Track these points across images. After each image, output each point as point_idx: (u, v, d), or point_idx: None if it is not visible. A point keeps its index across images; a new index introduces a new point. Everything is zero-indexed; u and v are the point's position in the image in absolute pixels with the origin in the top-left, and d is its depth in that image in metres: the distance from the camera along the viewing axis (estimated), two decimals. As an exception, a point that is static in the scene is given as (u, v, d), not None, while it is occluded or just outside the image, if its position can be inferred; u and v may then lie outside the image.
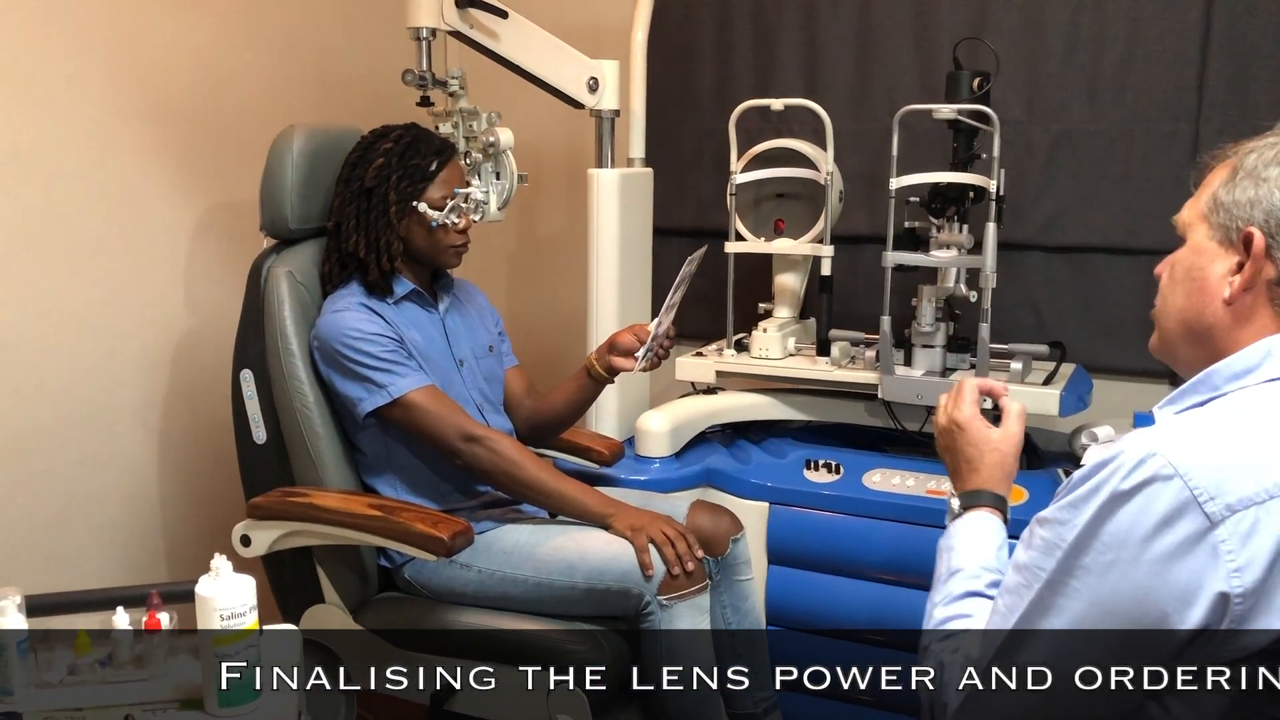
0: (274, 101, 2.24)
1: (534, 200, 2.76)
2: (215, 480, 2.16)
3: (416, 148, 1.66)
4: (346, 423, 1.68)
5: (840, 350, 2.14)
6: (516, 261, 2.90)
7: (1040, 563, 0.92)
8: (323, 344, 1.62)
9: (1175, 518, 0.86)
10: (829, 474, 2.00)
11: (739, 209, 2.21)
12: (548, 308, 2.81)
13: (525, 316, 2.78)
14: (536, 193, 2.70)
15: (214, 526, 2.13)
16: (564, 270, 2.76)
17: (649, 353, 1.72)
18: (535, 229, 2.85)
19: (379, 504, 1.58)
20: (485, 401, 1.76)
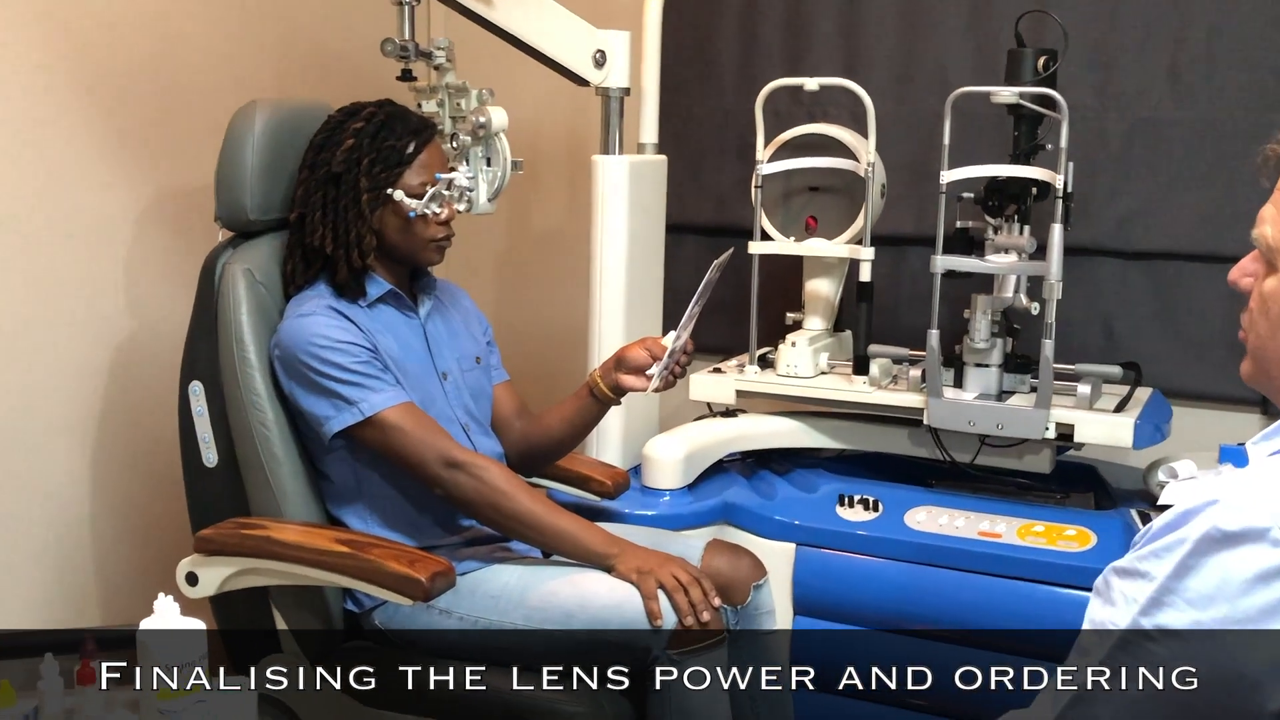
0: (232, 73, 2.26)
1: (530, 191, 2.77)
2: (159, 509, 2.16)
3: (391, 127, 1.67)
4: (311, 445, 1.68)
5: (880, 369, 2.14)
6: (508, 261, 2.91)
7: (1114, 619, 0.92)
8: (285, 353, 1.63)
9: (1275, 576, 0.86)
10: (866, 511, 2.00)
11: (765, 204, 2.22)
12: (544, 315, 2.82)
13: (518, 325, 2.79)
14: (533, 182, 2.71)
15: (157, 562, 2.13)
16: (563, 272, 2.77)
17: (664, 371, 1.72)
18: (530, 224, 2.86)
19: (347, 539, 1.58)
20: (471, 421, 1.76)
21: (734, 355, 2.34)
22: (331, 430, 1.61)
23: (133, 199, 2.13)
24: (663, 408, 2.39)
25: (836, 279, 2.29)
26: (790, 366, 2.18)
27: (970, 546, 1.89)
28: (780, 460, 2.24)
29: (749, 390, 2.20)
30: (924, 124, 2.34)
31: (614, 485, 1.98)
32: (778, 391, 2.18)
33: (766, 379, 2.20)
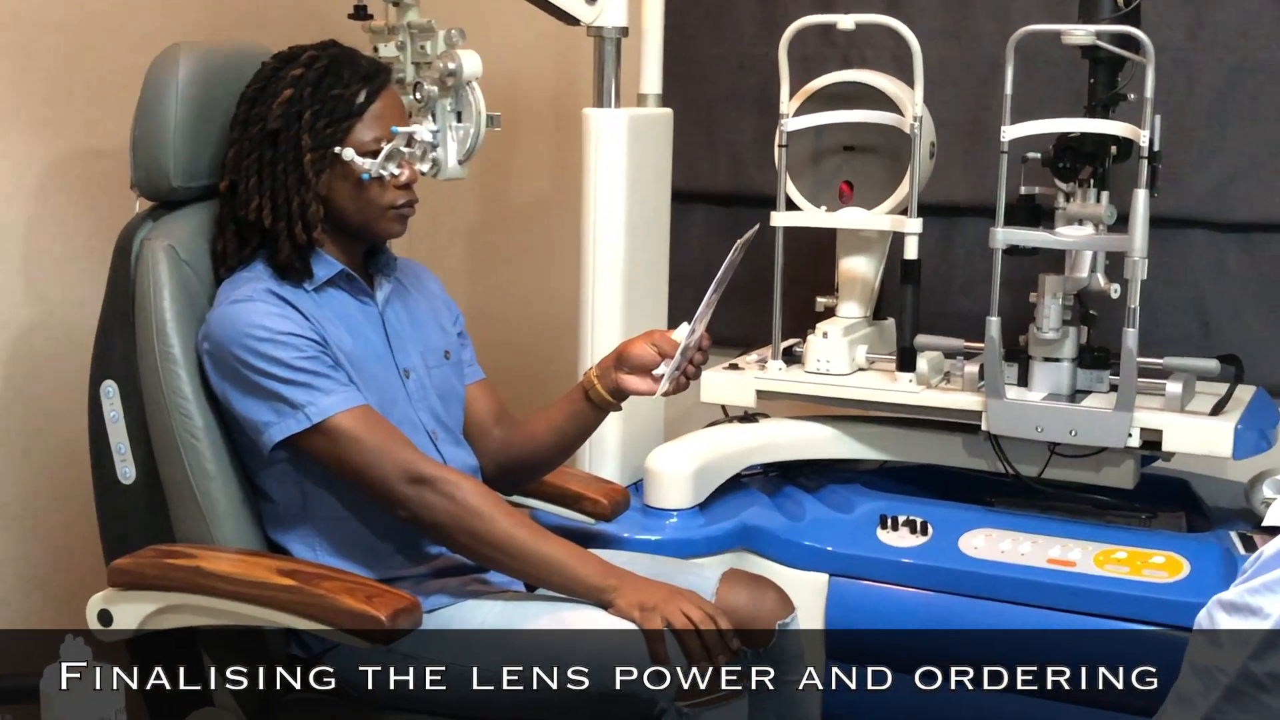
0: (153, 11, 2.24)
1: (508, 152, 2.76)
2: (65, 534, 2.15)
3: (337, 73, 1.66)
4: (248, 457, 1.67)
5: (929, 364, 2.13)
6: (483, 236, 2.90)
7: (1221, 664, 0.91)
8: (216, 347, 1.62)
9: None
10: (912, 535, 2.00)
11: (791, 167, 2.21)
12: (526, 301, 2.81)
13: (495, 313, 2.78)
14: (512, 141, 2.70)
15: (63, 597, 2.12)
16: (549, 250, 2.77)
17: (675, 371, 1.71)
18: (509, 191, 2.85)
19: (291, 569, 1.57)
20: (439, 428, 1.75)
21: (754, 348, 2.34)
22: (272, 439, 1.60)
23: (31, 164, 2.12)
24: (668, 412, 2.38)
25: (876, 257, 2.29)
26: (821, 362, 2.18)
27: (1038, 577, 1.89)
28: (810, 474, 2.24)
29: (772, 390, 2.19)
30: (981, 70, 2.34)
31: (611, 505, 1.97)
32: (806, 392, 2.18)
33: (793, 377, 2.19)
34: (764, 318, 2.23)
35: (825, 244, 2.32)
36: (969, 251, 2.41)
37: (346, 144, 1.65)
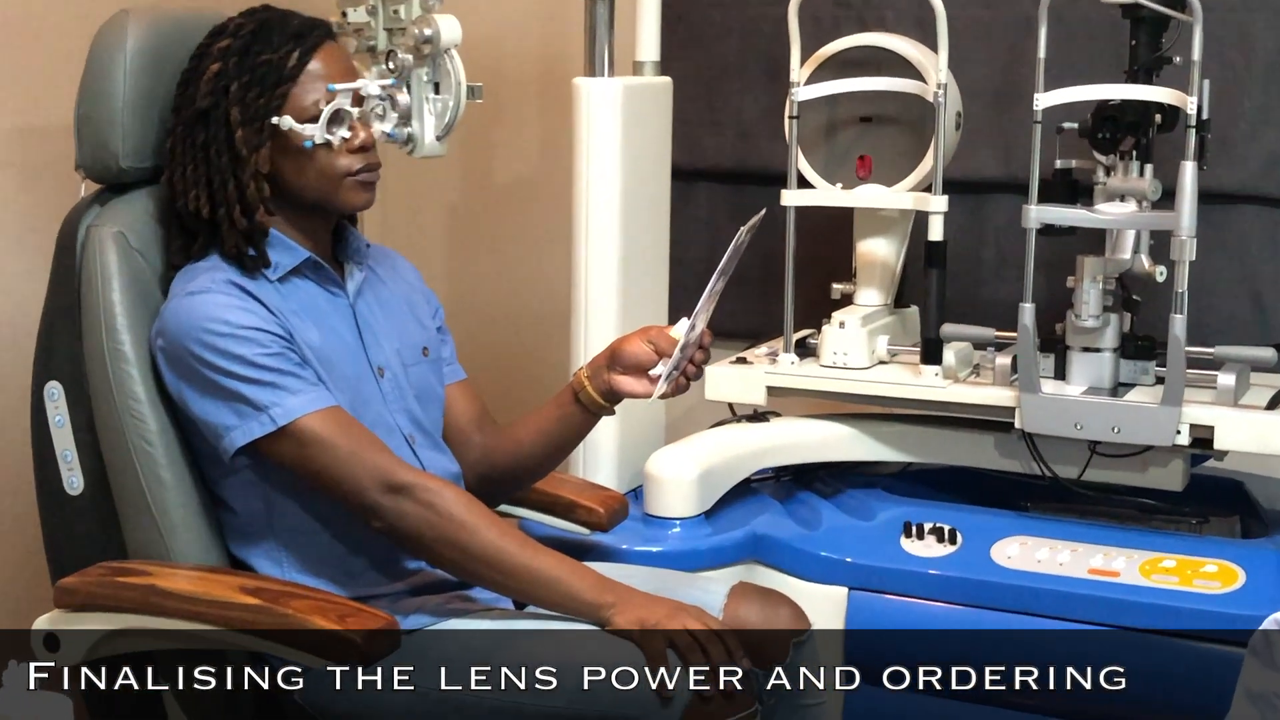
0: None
1: (492, 126, 2.77)
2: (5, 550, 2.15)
3: (265, 38, 1.67)
4: (208, 465, 1.68)
5: (957, 356, 2.14)
6: (464, 220, 2.90)
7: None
8: (171, 344, 1.63)
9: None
10: (940, 544, 2.00)
11: (803, 140, 2.21)
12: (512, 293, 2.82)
13: (477, 305, 2.79)
14: (496, 114, 2.70)
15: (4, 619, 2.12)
16: (536, 235, 2.77)
17: (674, 371, 1.71)
18: (492, 170, 2.86)
19: (256, 587, 1.58)
20: (416, 431, 1.76)
21: (763, 340, 2.34)
22: (234, 445, 1.61)
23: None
24: (670, 413, 2.39)
25: (898, 238, 2.29)
26: (838, 354, 2.18)
27: (1078, 589, 1.89)
28: (826, 478, 2.24)
29: (784, 386, 2.19)
30: (1013, 32, 2.34)
31: (608, 514, 1.98)
32: (821, 388, 2.18)
33: (806, 371, 2.19)
34: (774, 307, 2.23)
35: (841, 225, 2.32)
36: (1000, 232, 2.41)
37: (283, 112, 1.65)
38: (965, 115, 2.25)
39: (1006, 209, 2.37)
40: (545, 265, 2.68)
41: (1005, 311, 2.07)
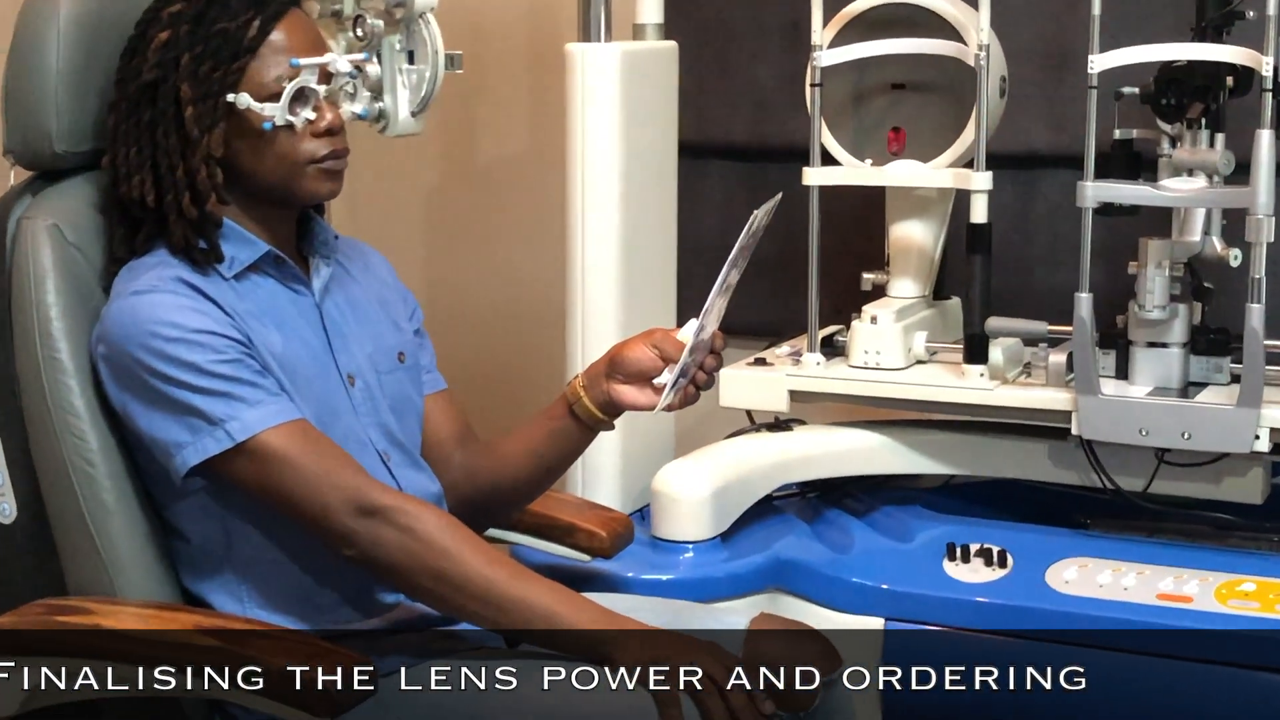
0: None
1: (474, 100, 2.77)
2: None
3: (223, 2, 1.66)
4: (157, 487, 1.67)
5: (1005, 354, 2.14)
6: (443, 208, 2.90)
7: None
8: (114, 351, 1.63)
9: None
10: (988, 568, 2.01)
11: (827, 111, 2.21)
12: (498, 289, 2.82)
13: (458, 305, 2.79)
14: (478, 87, 2.70)
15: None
16: (526, 222, 2.77)
17: (682, 379, 1.71)
18: (475, 150, 2.86)
19: (214, 627, 1.58)
20: (392, 448, 1.76)
21: (784, 338, 2.34)
22: (186, 464, 1.61)
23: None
24: (680, 422, 2.39)
25: (936, 221, 2.29)
26: (870, 354, 2.18)
27: (1146, 617, 1.89)
28: (858, 494, 2.24)
29: (809, 391, 2.20)
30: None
31: (610, 537, 1.98)
32: (851, 392, 2.18)
33: (834, 372, 2.20)
34: (796, 301, 2.24)
35: (872, 207, 2.33)
36: (1052, 212, 2.41)
37: (240, 89, 1.65)
38: (1010, 80, 2.25)
39: (1059, 186, 2.37)
40: (535, 258, 2.69)
41: (1059, 302, 2.08)
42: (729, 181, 2.63)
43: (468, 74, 2.01)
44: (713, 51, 2.58)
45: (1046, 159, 2.39)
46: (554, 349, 2.27)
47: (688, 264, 2.40)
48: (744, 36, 2.57)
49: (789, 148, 2.40)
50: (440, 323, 2.06)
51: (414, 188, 2.88)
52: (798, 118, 2.27)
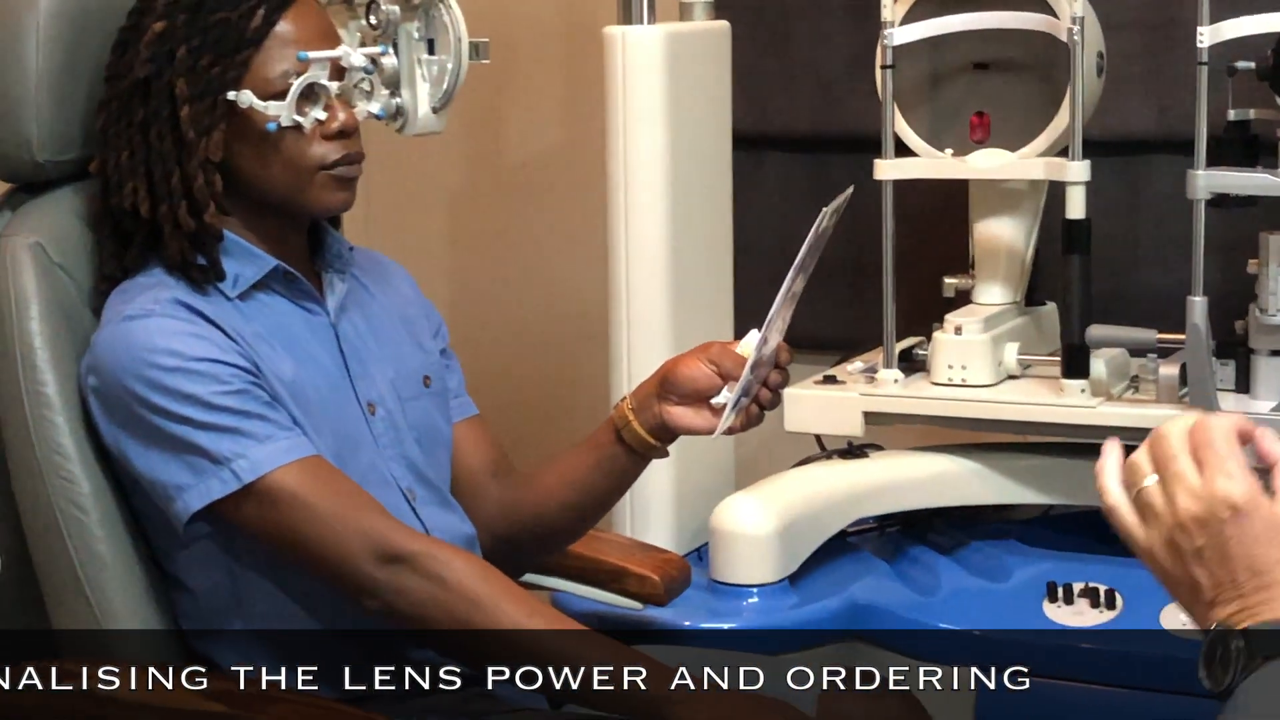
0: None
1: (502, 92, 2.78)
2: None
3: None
4: (156, 533, 1.68)
5: (1110, 366, 2.13)
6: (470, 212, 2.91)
7: None
8: (107, 382, 1.63)
9: None
10: (1094, 609, 2.00)
11: (901, 95, 2.21)
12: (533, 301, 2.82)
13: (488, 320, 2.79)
14: (507, 77, 2.71)
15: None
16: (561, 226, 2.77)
17: (743, 398, 1.71)
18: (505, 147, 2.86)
19: (223, 689, 1.58)
20: (418, 484, 1.77)
21: (856, 352, 2.34)
22: (189, 508, 1.61)
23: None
24: (740, 449, 2.39)
25: (1027, 217, 2.28)
26: (954, 369, 2.18)
27: (1276, 662, 1.88)
28: (944, 528, 2.24)
29: (886, 412, 2.20)
30: (1165, -50, 2.34)
31: (664, 582, 1.97)
32: (934, 412, 2.18)
33: (914, 391, 2.19)
34: (869, 309, 2.23)
35: (954, 202, 2.32)
36: (1158, 204, 2.40)
37: (243, 85, 1.65)
38: (1109, 56, 2.24)
39: (1166, 175, 2.36)
40: (574, 266, 2.69)
41: (1169, 307, 2.07)
42: (790, 176, 2.63)
43: (494, 63, 2.01)
44: (769, 31, 2.58)
45: (1151, 145, 2.38)
46: (597, 367, 2.27)
47: (745, 269, 2.40)
48: (804, 13, 2.57)
49: (857, 137, 2.39)
50: (468, 341, 2.07)
51: (436, 191, 2.89)
52: (867, 103, 2.27)
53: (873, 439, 2.25)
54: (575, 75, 2.72)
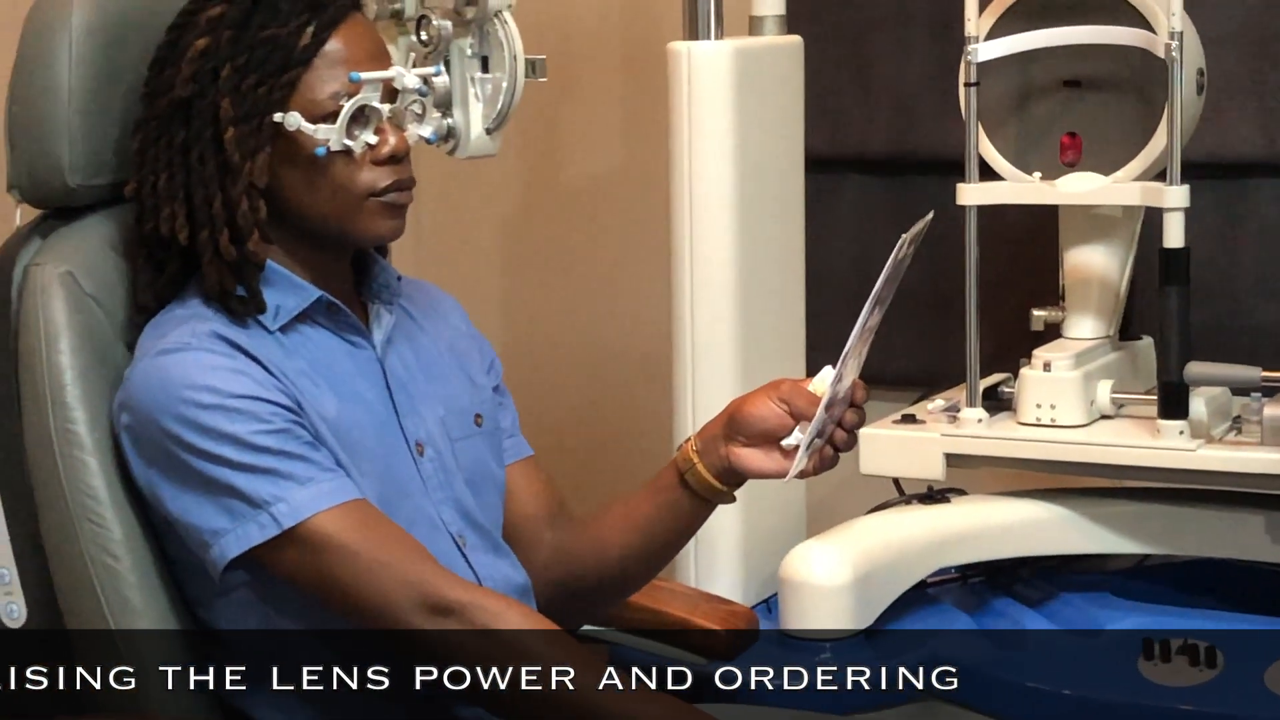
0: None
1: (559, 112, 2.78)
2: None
3: (271, 6, 1.67)
4: (191, 581, 1.69)
5: (1211, 406, 2.12)
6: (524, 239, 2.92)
7: None
8: (140, 421, 1.64)
9: None
10: (1195, 668, 1.98)
11: (986, 114, 2.21)
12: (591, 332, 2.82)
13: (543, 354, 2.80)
14: (565, 96, 2.72)
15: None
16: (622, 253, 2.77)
17: (817, 439, 1.70)
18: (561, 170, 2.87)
19: (259, 749, 1.59)
20: (469, 529, 1.77)
21: (937, 390, 2.33)
22: (226, 555, 1.62)
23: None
24: (812, 492, 2.38)
25: (1122, 245, 2.27)
26: (1043, 408, 2.16)
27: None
28: (1031, 579, 2.22)
29: (969, 454, 2.19)
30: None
31: (731, 636, 1.97)
32: (1021, 454, 2.17)
33: (1000, 432, 2.18)
34: (952, 343, 2.23)
35: (1042, 229, 2.31)
36: (1263, 232, 2.39)
37: (290, 106, 1.66)
38: (1210, 73, 2.22)
39: (1271, 200, 2.35)
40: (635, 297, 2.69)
41: (1274, 342, 2.05)
42: (866, 200, 2.63)
43: (552, 81, 2.02)
44: (845, 45, 2.58)
45: (1256, 167, 2.36)
46: (660, 406, 2.26)
47: (818, 299, 2.40)
48: (883, 26, 2.57)
49: (938, 159, 2.39)
50: (522, 376, 2.07)
51: (489, 217, 2.90)
52: (949, 123, 2.26)
53: (955, 483, 2.24)
54: (637, 93, 2.72)
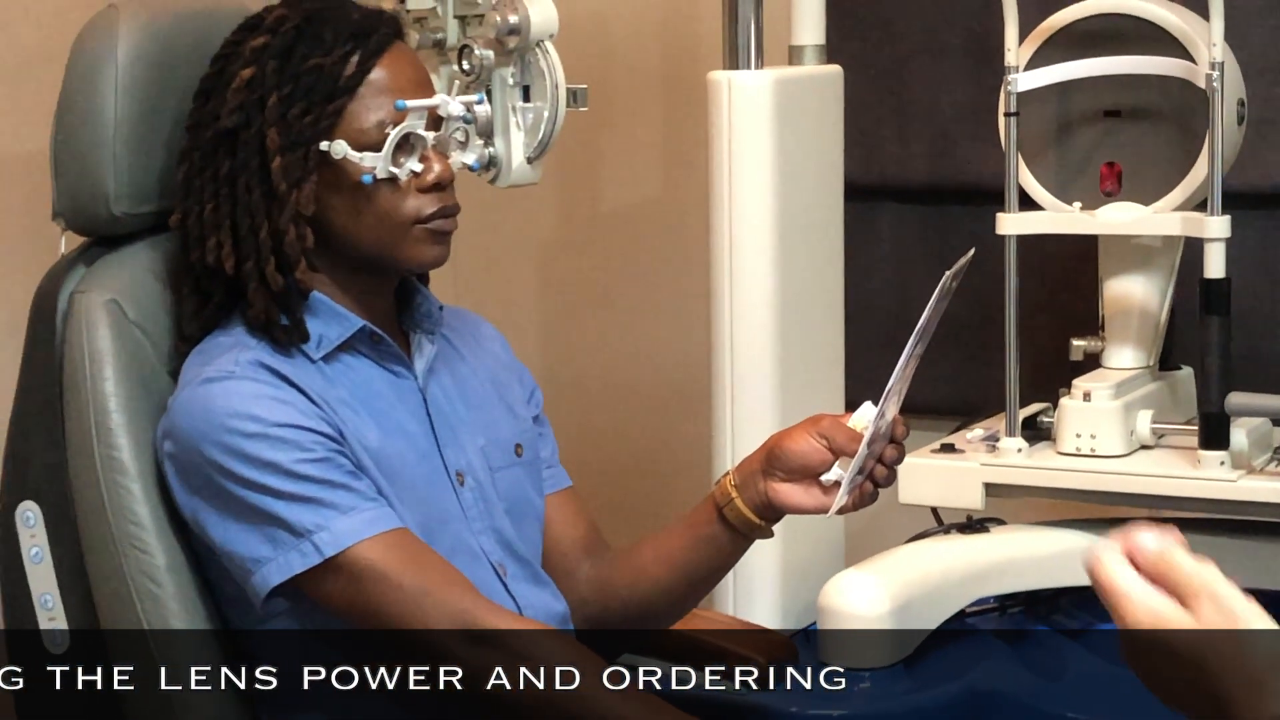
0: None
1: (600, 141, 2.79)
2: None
3: (315, 36, 1.69)
4: (233, 608, 1.69)
5: (1252, 437, 2.11)
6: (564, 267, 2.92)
7: None
8: (184, 449, 1.65)
9: None
10: (1237, 702, 1.96)
11: (1025, 144, 2.20)
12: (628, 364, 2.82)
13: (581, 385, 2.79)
14: (605, 126, 2.72)
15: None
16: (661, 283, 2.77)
17: (858, 475, 1.70)
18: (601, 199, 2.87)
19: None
20: (509, 559, 1.77)
21: (976, 419, 2.32)
22: (267, 582, 1.62)
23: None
24: (851, 523, 2.37)
25: (1162, 275, 2.26)
26: (1083, 438, 2.16)
27: None
28: (1071, 610, 2.21)
29: (1008, 484, 2.18)
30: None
31: (769, 664, 1.97)
32: (1061, 484, 2.16)
33: (1039, 461, 2.17)
34: (991, 372, 2.22)
35: (1082, 259, 2.31)
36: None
37: (335, 135, 1.67)
38: (1251, 103, 2.22)
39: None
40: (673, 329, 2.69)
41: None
42: (905, 230, 2.62)
43: (592, 110, 2.02)
44: (884, 75, 2.58)
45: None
46: (698, 439, 2.26)
47: (857, 330, 2.39)
48: (922, 57, 2.57)
49: (978, 188, 2.39)
50: (561, 407, 2.07)
51: (529, 246, 2.90)
52: (989, 153, 2.26)
53: (994, 512, 2.23)
54: (677, 123, 2.73)
